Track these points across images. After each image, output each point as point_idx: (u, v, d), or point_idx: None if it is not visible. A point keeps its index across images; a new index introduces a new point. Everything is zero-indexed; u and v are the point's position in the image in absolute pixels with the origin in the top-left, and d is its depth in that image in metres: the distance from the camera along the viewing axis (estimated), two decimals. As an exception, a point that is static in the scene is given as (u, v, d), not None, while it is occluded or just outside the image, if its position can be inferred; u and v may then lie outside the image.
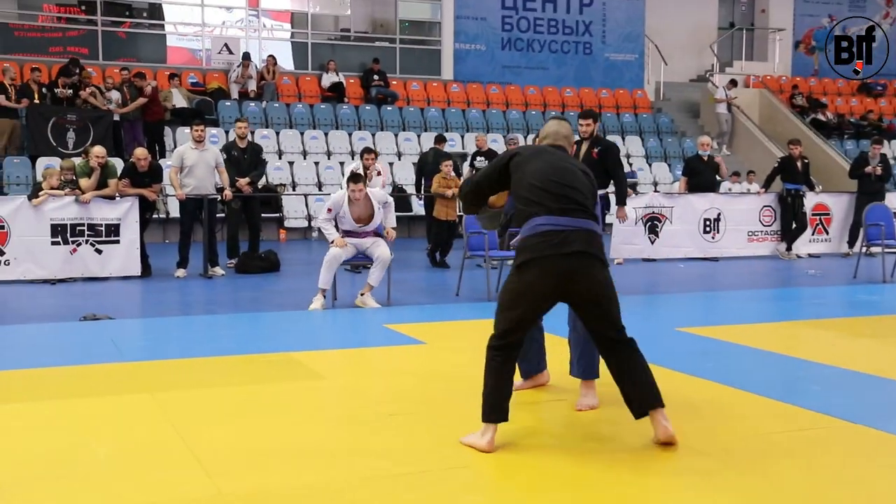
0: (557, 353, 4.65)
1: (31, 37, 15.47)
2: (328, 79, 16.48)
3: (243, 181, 9.78)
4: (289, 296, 8.12)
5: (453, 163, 10.95)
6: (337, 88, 16.44)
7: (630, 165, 16.40)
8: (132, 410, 4.28)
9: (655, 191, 14.50)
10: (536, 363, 4.59)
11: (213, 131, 13.80)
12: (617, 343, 3.73)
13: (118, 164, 10.79)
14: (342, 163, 14.56)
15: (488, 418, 3.66)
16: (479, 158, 11.85)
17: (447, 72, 17.96)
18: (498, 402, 3.66)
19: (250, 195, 10.05)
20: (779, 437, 3.93)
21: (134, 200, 9.23)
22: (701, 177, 11.56)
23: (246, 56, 15.92)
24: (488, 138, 14.33)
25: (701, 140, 11.88)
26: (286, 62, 17.16)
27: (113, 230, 9.11)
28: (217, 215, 9.91)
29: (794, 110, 18.93)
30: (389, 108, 16.43)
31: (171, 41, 17.04)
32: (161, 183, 9.89)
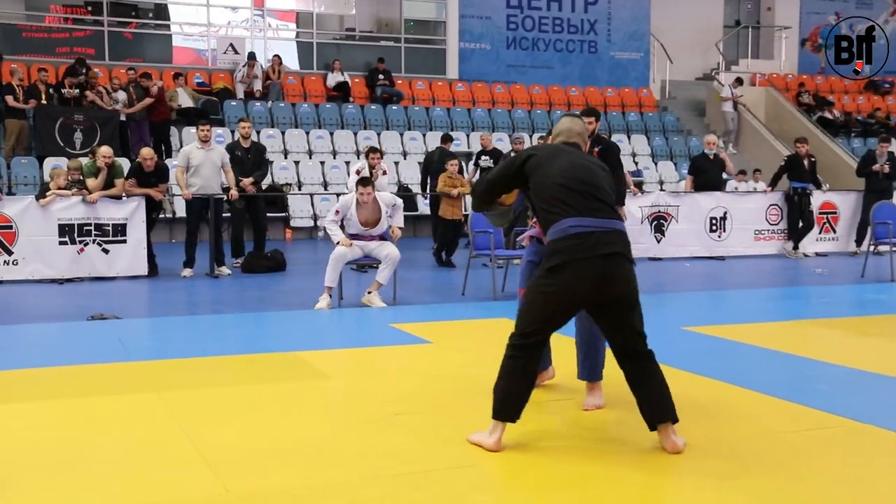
0: (565, 353, 4.64)
1: (38, 38, 15.51)
2: (333, 78, 16.48)
3: (247, 181, 9.80)
4: (295, 295, 8.13)
5: (458, 162, 10.95)
6: (342, 88, 16.44)
7: (636, 164, 16.37)
8: (139, 409, 4.29)
9: (661, 189, 14.49)
10: (540, 361, 4.57)
11: (219, 131, 13.82)
12: (638, 354, 3.67)
13: (125, 164, 10.81)
14: (348, 162, 14.57)
15: (497, 416, 3.64)
16: (484, 157, 11.84)
17: (452, 71, 17.95)
18: (510, 402, 3.62)
19: (254, 195, 10.07)
20: (786, 437, 3.92)
21: (140, 200, 9.26)
22: (707, 175, 11.53)
23: (251, 56, 15.93)
24: (493, 137, 14.34)
25: (707, 139, 11.85)
26: (291, 62, 17.17)
27: (120, 230, 9.14)
28: (223, 215, 9.92)
29: (801, 108, 18.86)
30: (395, 108, 16.43)
31: (177, 41, 17.05)
32: (167, 183, 9.92)
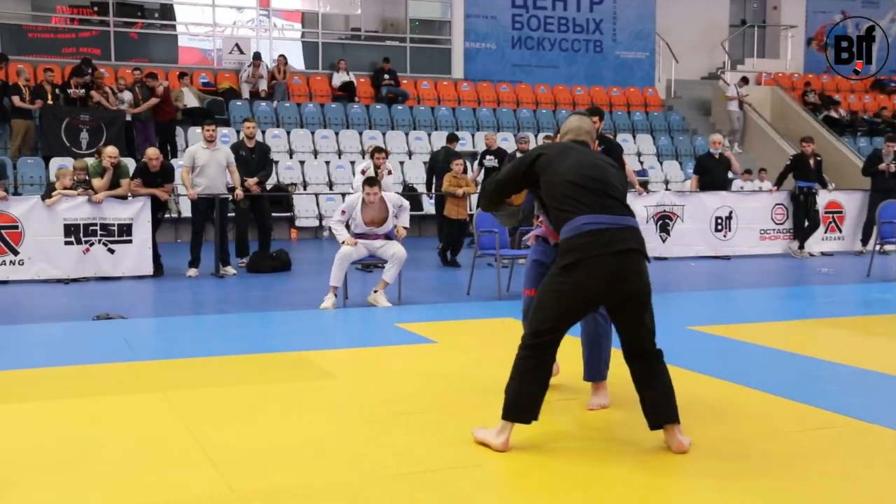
0: (570, 353, 4.63)
1: (45, 38, 15.55)
2: (339, 78, 16.49)
3: (251, 181, 9.80)
4: (300, 295, 8.14)
5: (463, 162, 10.95)
6: (347, 88, 16.45)
7: (641, 164, 16.34)
8: (144, 409, 4.30)
9: (667, 189, 14.46)
10: None
11: (225, 131, 13.83)
12: (647, 353, 3.66)
13: (130, 165, 10.85)
14: (353, 162, 14.57)
15: (506, 415, 3.61)
16: (489, 157, 11.83)
17: (458, 71, 17.94)
18: (520, 402, 3.58)
19: (259, 195, 10.08)
20: (792, 437, 3.90)
21: (146, 200, 9.27)
22: (712, 175, 11.50)
23: (257, 56, 15.95)
24: (499, 137, 14.33)
25: (712, 138, 11.83)
26: (297, 62, 17.18)
27: (125, 230, 9.16)
28: (228, 215, 9.94)
29: (807, 107, 18.81)
30: (400, 108, 16.43)
31: (183, 41, 17.08)
32: (173, 183, 9.94)
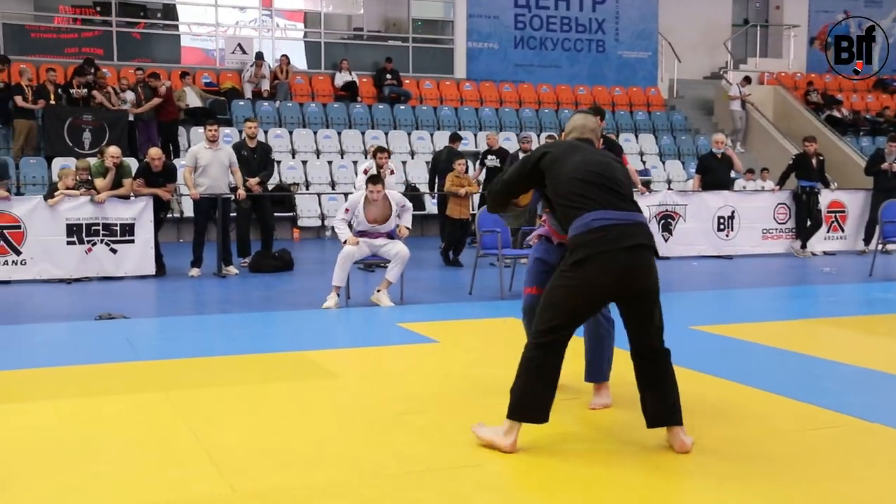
0: (572, 353, 4.62)
1: (47, 38, 15.57)
2: (341, 78, 16.49)
3: (253, 181, 9.81)
4: (302, 295, 8.14)
5: (466, 161, 10.95)
6: (350, 88, 16.45)
7: (644, 163, 16.34)
8: (146, 409, 4.30)
9: (669, 188, 14.46)
10: None
11: (227, 131, 13.83)
12: (656, 353, 3.65)
13: (133, 164, 10.85)
14: (355, 162, 14.58)
15: (511, 415, 3.58)
16: (490, 157, 11.83)
17: (460, 70, 17.94)
18: (525, 402, 3.55)
19: (261, 194, 10.08)
20: (794, 436, 3.90)
21: (148, 200, 9.28)
22: (715, 174, 11.50)
23: (259, 56, 15.96)
24: (501, 137, 14.32)
25: (715, 137, 11.82)
26: (299, 62, 17.19)
27: (128, 230, 9.17)
28: (231, 215, 9.95)
29: (809, 107, 18.80)
30: (402, 107, 16.43)
31: (185, 41, 17.09)
32: (175, 182, 9.95)
